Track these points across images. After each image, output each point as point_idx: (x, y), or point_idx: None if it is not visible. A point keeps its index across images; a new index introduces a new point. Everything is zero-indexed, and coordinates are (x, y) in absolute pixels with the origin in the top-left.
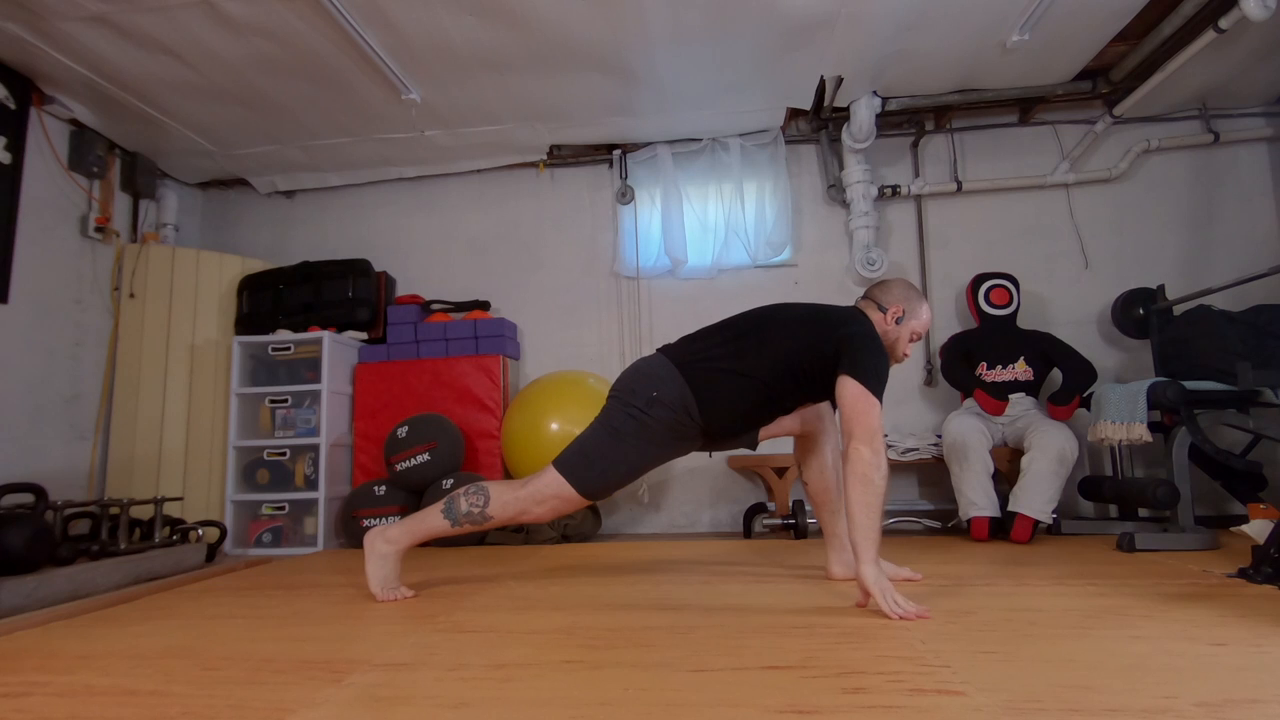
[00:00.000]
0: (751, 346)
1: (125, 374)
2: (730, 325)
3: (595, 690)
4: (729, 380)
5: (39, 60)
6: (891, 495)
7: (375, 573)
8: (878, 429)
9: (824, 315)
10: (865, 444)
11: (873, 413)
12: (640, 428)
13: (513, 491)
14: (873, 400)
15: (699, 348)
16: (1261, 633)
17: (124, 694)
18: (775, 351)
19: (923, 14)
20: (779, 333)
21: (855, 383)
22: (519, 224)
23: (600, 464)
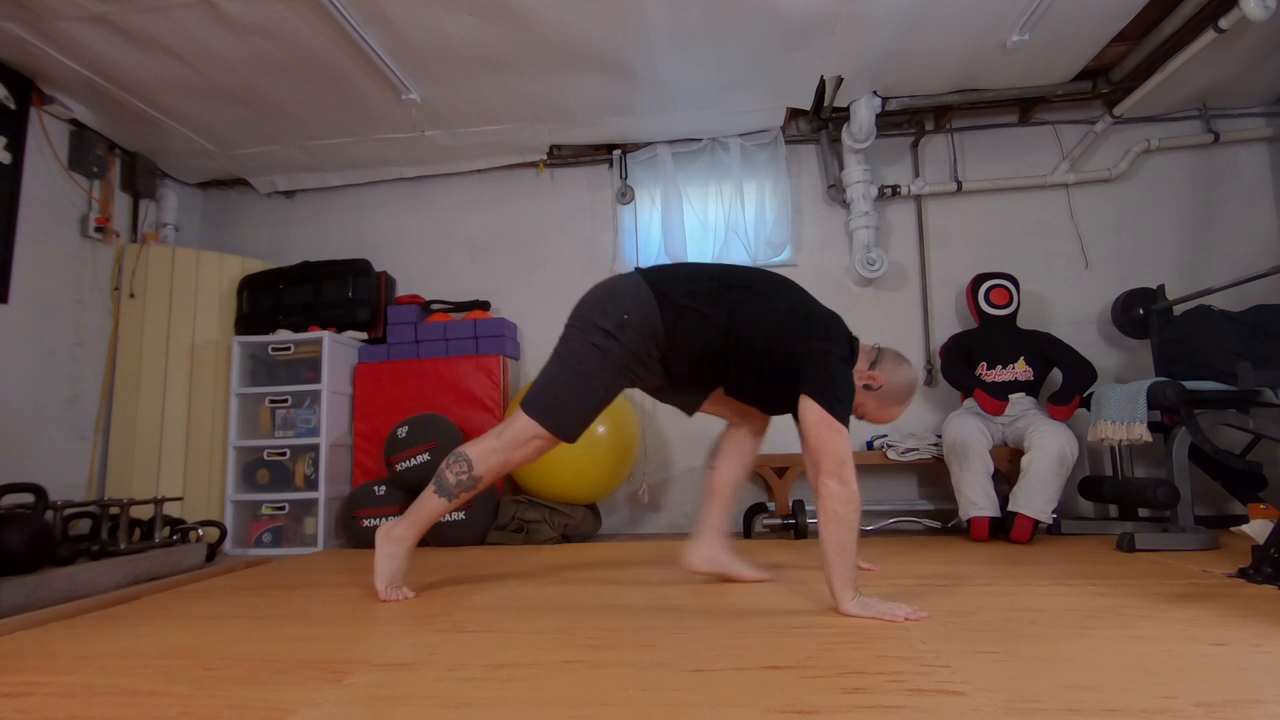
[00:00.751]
0: (733, 302)
1: (125, 374)
2: (719, 274)
3: (595, 690)
4: (701, 324)
5: (39, 60)
6: (891, 495)
7: (384, 569)
8: (845, 458)
9: (806, 320)
10: (833, 477)
11: (838, 441)
12: (604, 358)
13: (490, 444)
14: (838, 427)
15: (682, 283)
16: (1261, 633)
17: (124, 694)
18: (752, 324)
19: (923, 14)
20: (763, 311)
21: (817, 406)
22: (519, 224)
23: (570, 403)
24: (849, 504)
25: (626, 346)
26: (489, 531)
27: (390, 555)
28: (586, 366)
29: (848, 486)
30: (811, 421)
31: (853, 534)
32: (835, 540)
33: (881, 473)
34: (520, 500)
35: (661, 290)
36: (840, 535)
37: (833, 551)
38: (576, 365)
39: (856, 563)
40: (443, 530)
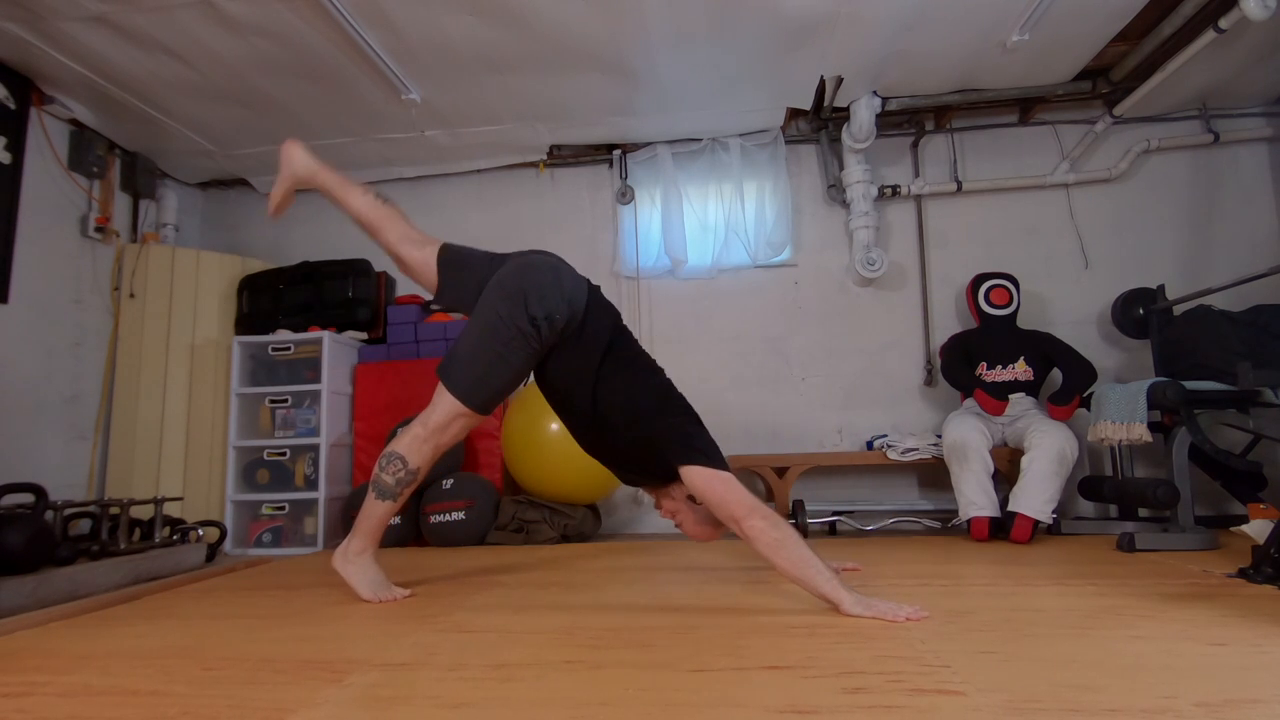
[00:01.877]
0: (610, 368)
1: (125, 374)
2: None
3: (595, 690)
4: (582, 363)
5: (39, 60)
6: (891, 495)
7: (359, 582)
8: (745, 496)
9: (664, 403)
10: (751, 517)
11: (732, 487)
12: (525, 344)
13: (417, 433)
14: (724, 476)
15: (606, 316)
16: (1261, 633)
17: (124, 694)
18: (617, 398)
19: (923, 14)
20: (634, 387)
21: (696, 469)
22: (519, 224)
23: (493, 383)
24: (779, 528)
25: (545, 342)
26: (489, 531)
27: (358, 571)
28: (509, 350)
29: (768, 517)
30: (701, 484)
31: (801, 547)
32: (793, 562)
33: (881, 473)
34: (520, 500)
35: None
36: (793, 555)
37: (797, 571)
38: (501, 348)
39: (823, 567)
40: (443, 530)
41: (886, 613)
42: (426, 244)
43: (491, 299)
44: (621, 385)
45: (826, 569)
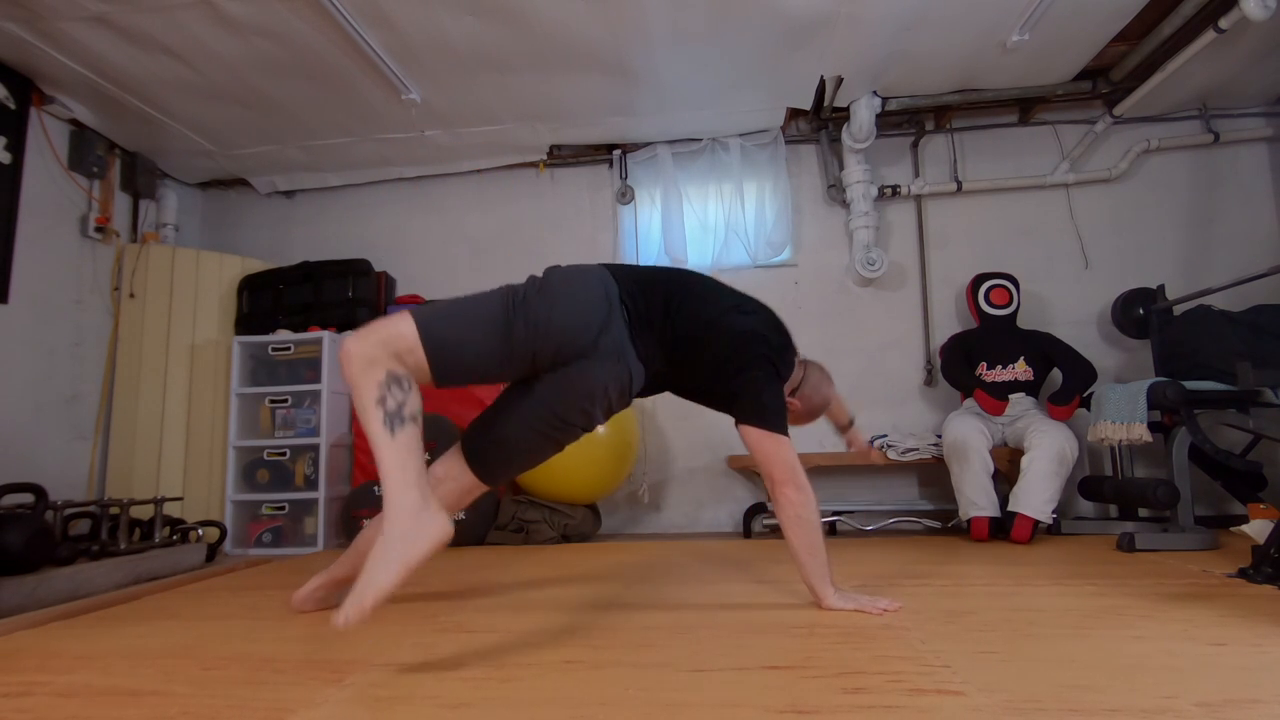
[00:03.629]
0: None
1: (125, 374)
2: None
3: (595, 690)
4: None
5: (39, 60)
6: (891, 495)
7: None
8: (795, 464)
9: (732, 358)
10: (789, 485)
11: (784, 450)
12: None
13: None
14: (780, 439)
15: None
16: (1261, 633)
17: (124, 694)
18: (689, 362)
19: (923, 14)
20: (701, 348)
21: (755, 429)
22: (519, 224)
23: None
24: (808, 507)
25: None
26: (489, 531)
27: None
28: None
29: (804, 491)
30: (754, 441)
31: (818, 534)
32: (805, 543)
33: (881, 473)
34: (520, 500)
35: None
36: (808, 537)
37: (804, 554)
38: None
39: (828, 559)
40: None
41: (866, 605)
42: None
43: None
44: (698, 358)
45: (828, 567)
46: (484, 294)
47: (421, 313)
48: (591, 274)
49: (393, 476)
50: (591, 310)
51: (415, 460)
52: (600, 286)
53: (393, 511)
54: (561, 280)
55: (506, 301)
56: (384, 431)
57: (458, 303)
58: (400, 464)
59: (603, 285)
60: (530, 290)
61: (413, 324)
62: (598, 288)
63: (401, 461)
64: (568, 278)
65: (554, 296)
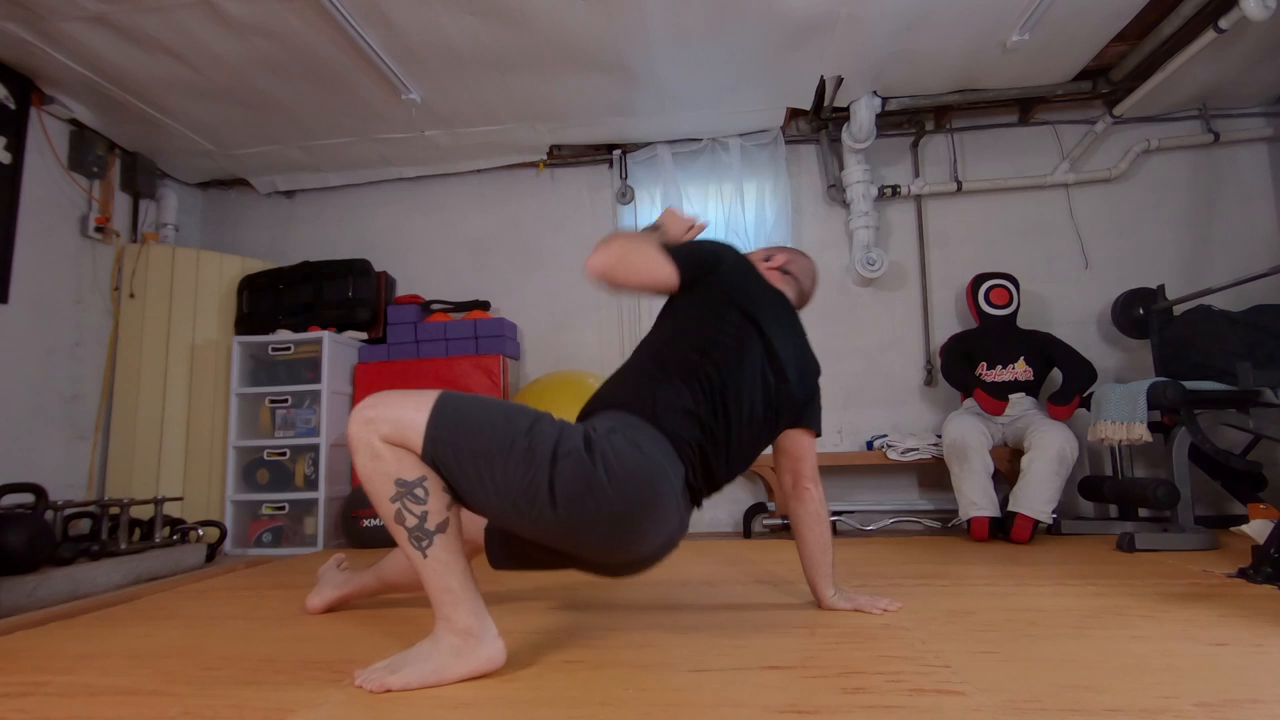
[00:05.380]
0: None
1: (125, 374)
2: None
3: (595, 690)
4: None
5: (39, 60)
6: (891, 495)
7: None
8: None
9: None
10: (819, 483)
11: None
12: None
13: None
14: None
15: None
16: (1261, 633)
17: (124, 694)
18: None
19: (923, 14)
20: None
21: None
22: (519, 224)
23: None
24: (825, 504)
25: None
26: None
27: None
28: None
29: (820, 487)
30: (810, 445)
31: (830, 533)
32: (823, 540)
33: (881, 473)
34: None
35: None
36: (826, 534)
37: (819, 551)
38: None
39: (831, 562)
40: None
41: (866, 605)
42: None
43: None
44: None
45: (832, 567)
46: (517, 415)
47: (442, 405)
48: (661, 478)
49: (438, 598)
50: (652, 526)
51: (457, 575)
52: (666, 489)
53: (444, 625)
54: (625, 483)
55: (542, 448)
56: (413, 550)
57: (484, 410)
58: (443, 586)
59: (668, 486)
60: (582, 463)
61: (426, 414)
62: (663, 498)
63: (443, 583)
64: (634, 481)
65: (610, 500)
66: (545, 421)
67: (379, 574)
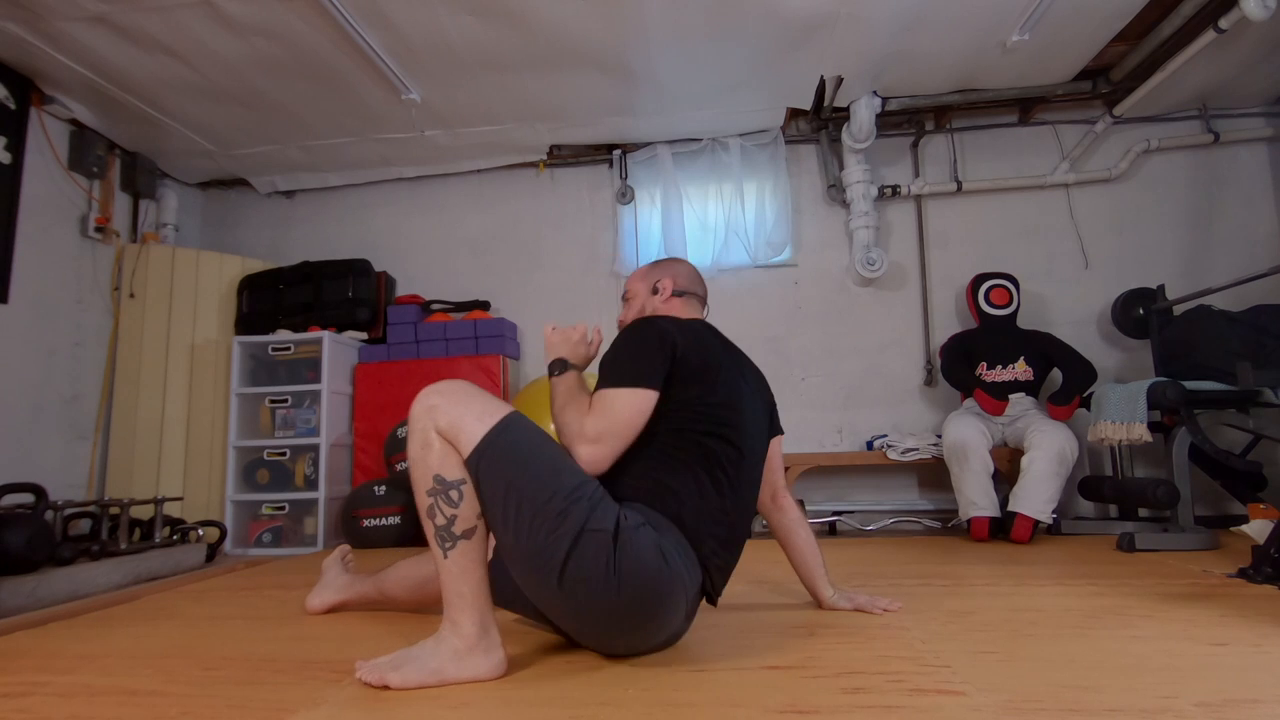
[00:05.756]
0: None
1: (125, 374)
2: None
3: (595, 690)
4: None
5: (39, 60)
6: (891, 495)
7: None
8: None
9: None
10: (789, 492)
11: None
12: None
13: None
14: None
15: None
16: (1261, 633)
17: (124, 694)
18: None
19: (923, 14)
20: None
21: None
22: (519, 224)
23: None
24: (799, 508)
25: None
26: None
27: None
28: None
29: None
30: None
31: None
32: (811, 543)
33: (881, 473)
34: None
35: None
36: (813, 537)
37: (810, 553)
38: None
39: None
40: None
41: (866, 605)
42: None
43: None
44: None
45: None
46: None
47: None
48: (678, 587)
49: (451, 601)
50: (656, 630)
51: (471, 583)
52: (681, 603)
53: (450, 628)
54: (639, 588)
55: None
56: (436, 547)
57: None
58: (456, 589)
59: (684, 601)
60: (603, 548)
61: (486, 429)
62: (677, 605)
63: (457, 586)
64: (649, 589)
65: (622, 599)
66: (589, 489)
67: (380, 585)
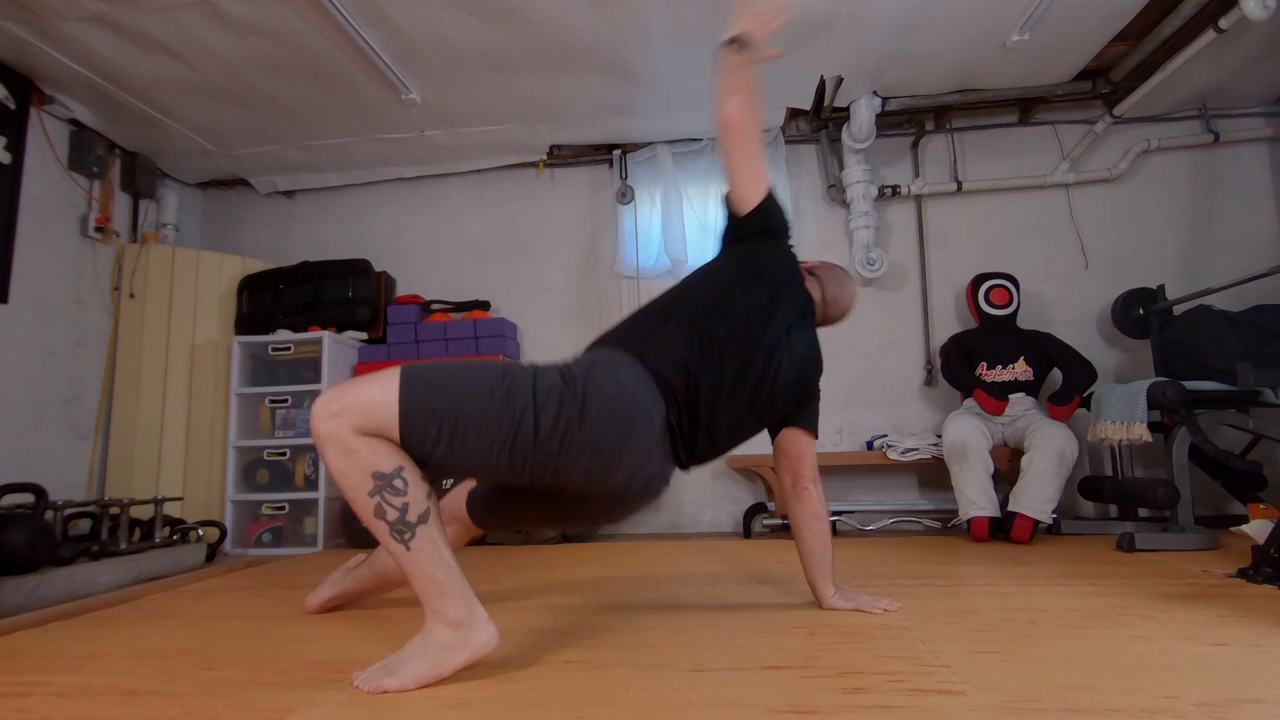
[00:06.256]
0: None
1: (125, 374)
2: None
3: (595, 690)
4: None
5: (39, 60)
6: (891, 495)
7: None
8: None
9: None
10: (817, 483)
11: (814, 448)
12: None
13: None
14: (816, 440)
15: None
16: (1261, 633)
17: (124, 694)
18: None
19: (923, 14)
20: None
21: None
22: (519, 224)
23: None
24: (824, 505)
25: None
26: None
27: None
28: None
29: (819, 487)
30: (806, 445)
31: (829, 533)
32: (821, 541)
33: (881, 473)
34: None
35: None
36: (825, 535)
37: (818, 551)
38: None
39: (831, 562)
40: None
41: (866, 605)
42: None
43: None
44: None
45: (832, 568)
46: (494, 385)
47: (411, 391)
48: (633, 399)
49: (425, 590)
50: (623, 456)
51: (442, 566)
52: (643, 416)
53: (434, 618)
54: (594, 414)
55: (520, 418)
56: (396, 546)
57: (458, 390)
58: (428, 577)
59: (645, 414)
60: (560, 399)
61: (395, 390)
62: (639, 424)
63: (428, 574)
64: (601, 413)
65: (581, 435)
66: (516, 369)
67: (372, 566)
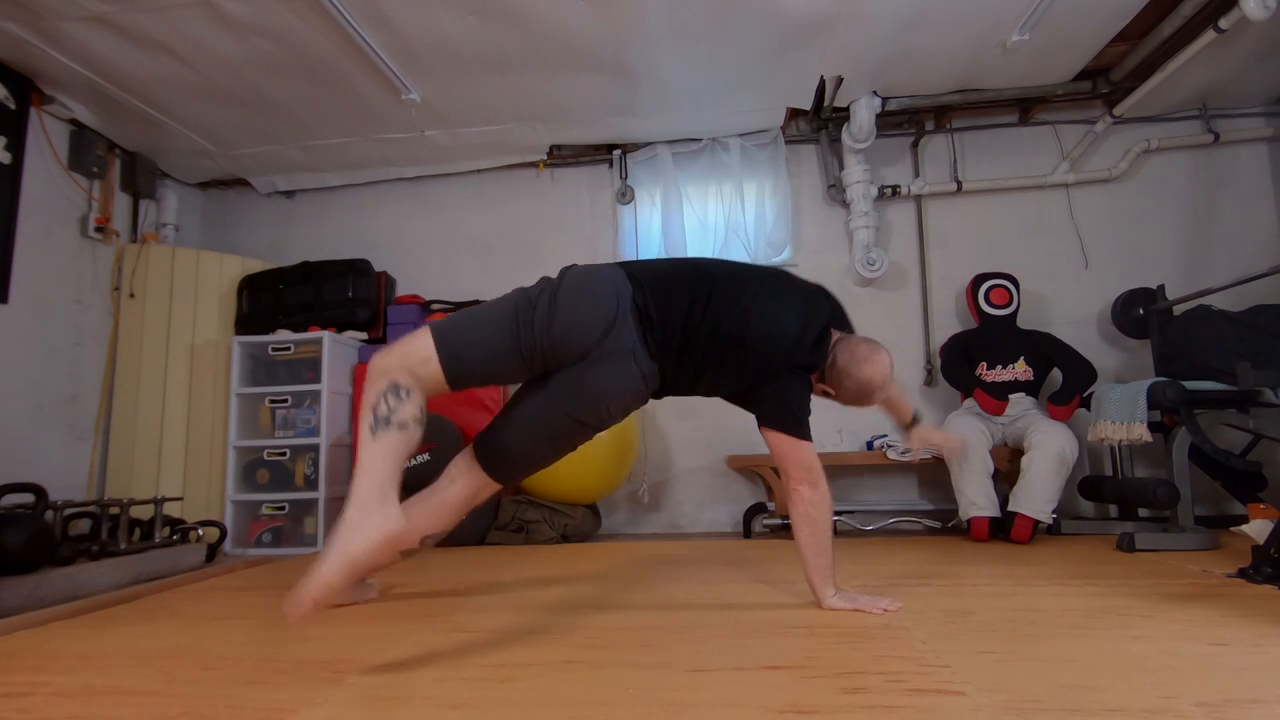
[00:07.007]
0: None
1: (125, 374)
2: (707, 294)
3: (595, 690)
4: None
5: (39, 60)
6: (891, 495)
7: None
8: (811, 464)
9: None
10: (802, 483)
11: (802, 451)
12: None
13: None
14: (799, 442)
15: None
16: (1261, 633)
17: (124, 694)
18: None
19: (923, 14)
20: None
21: (775, 433)
22: (519, 224)
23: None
24: (819, 506)
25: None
26: (489, 531)
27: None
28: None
29: (817, 490)
30: (774, 442)
31: (827, 534)
32: (812, 542)
33: (881, 473)
34: (520, 500)
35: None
36: (816, 537)
37: (810, 552)
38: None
39: (833, 560)
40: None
41: (866, 605)
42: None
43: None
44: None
45: (831, 569)
46: (499, 298)
47: (438, 323)
48: (603, 275)
49: (362, 472)
50: (598, 311)
51: (388, 462)
52: (610, 287)
53: (350, 501)
54: (571, 281)
55: (517, 302)
56: (367, 432)
57: (473, 310)
58: (372, 462)
59: (613, 286)
60: (540, 291)
61: (429, 335)
62: (607, 288)
63: (373, 460)
64: (578, 278)
65: (561, 297)
66: (517, 291)
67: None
